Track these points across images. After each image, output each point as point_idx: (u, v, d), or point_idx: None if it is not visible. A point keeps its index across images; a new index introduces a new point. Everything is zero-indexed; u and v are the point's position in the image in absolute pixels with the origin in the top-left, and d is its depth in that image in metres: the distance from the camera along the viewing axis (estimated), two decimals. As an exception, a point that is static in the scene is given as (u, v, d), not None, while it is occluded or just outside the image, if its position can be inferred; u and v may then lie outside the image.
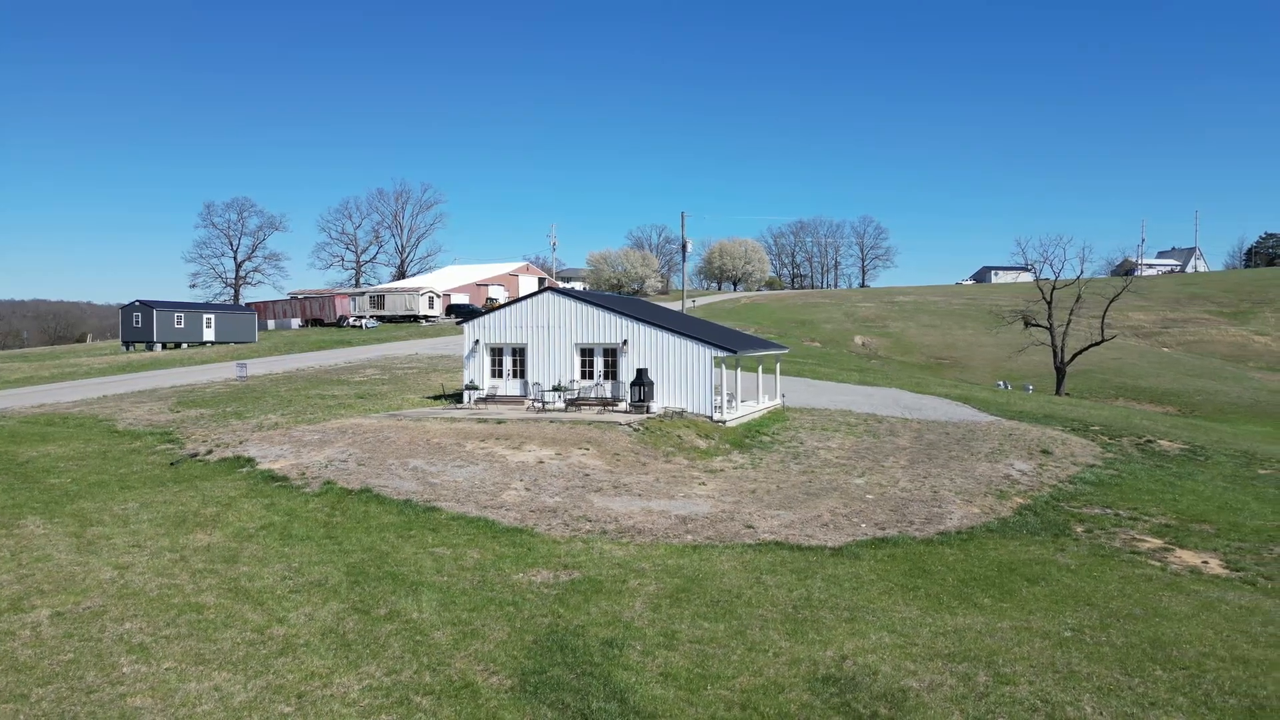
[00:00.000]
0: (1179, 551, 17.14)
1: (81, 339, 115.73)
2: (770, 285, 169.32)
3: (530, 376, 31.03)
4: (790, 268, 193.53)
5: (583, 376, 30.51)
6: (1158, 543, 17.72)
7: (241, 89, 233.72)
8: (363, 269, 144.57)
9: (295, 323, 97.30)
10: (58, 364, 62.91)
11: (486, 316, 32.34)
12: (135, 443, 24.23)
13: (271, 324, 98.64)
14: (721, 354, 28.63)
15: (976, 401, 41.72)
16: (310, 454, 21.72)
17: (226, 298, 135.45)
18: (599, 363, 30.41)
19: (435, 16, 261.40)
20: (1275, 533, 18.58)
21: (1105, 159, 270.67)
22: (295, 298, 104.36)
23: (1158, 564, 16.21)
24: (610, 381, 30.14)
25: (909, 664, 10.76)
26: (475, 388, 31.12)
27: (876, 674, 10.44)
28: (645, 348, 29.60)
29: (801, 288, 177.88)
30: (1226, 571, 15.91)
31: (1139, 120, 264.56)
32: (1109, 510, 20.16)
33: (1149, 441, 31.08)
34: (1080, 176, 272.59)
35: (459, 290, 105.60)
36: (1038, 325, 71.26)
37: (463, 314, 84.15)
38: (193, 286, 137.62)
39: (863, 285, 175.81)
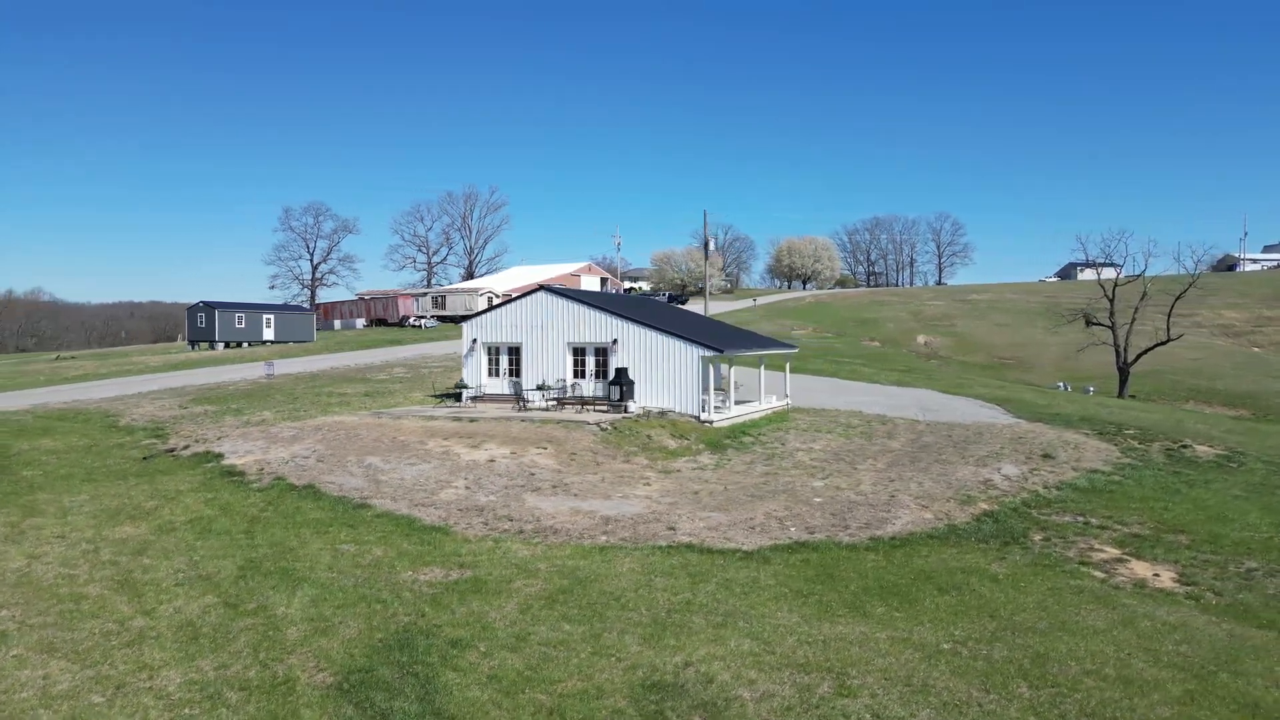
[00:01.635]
0: (1134, 563, 16.13)
1: (173, 338, 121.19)
2: (842, 284, 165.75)
3: (525, 375, 31.11)
4: (865, 265, 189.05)
5: (575, 376, 30.43)
6: (1115, 553, 16.72)
7: (313, 95, 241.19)
8: (434, 270, 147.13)
9: (360, 323, 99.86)
10: (119, 362, 65.84)
11: (483, 316, 32.56)
12: (126, 438, 25.11)
13: (338, 324, 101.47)
14: (710, 353, 28.18)
15: (1014, 403, 40.23)
16: (278, 450, 22.16)
17: (304, 299, 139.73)
18: (590, 362, 30.29)
19: (503, 19, 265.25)
20: (1256, 545, 17.34)
21: (1208, 150, 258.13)
22: (361, 298, 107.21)
23: (1102, 575, 15.28)
24: (601, 381, 29.99)
25: (752, 673, 10.33)
26: (465, 386, 31.34)
27: (711, 682, 10.05)
28: (634, 347, 29.36)
29: (876, 285, 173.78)
30: (1176, 585, 14.90)
31: (1243, 110, 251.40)
32: (1080, 518, 19.11)
33: (1183, 446, 29.38)
34: (1180, 170, 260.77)
35: (519, 291, 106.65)
36: (1099, 324, 68.24)
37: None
38: (271, 288, 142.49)
39: (939, 283, 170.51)
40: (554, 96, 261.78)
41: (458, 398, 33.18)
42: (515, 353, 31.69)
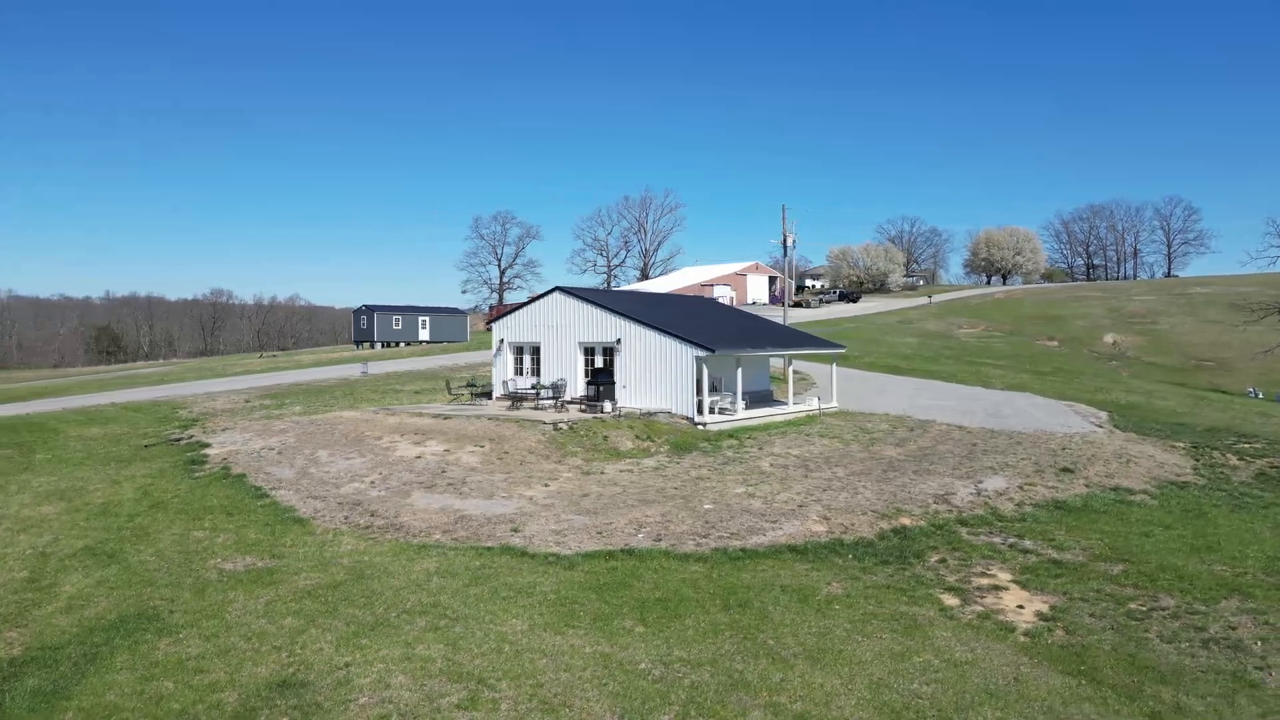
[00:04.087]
0: (1013, 592, 14.25)
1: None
2: (1049, 277, 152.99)
3: (545, 374, 31.53)
4: (1084, 257, 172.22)
5: (586, 375, 30.49)
6: (1005, 579, 14.83)
7: (499, 107, 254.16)
8: (613, 274, 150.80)
9: None
10: (283, 360, 72.62)
11: (509, 316, 33.32)
12: (161, 428, 27.82)
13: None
14: (702, 353, 27.35)
15: (1135, 410, 36.45)
16: (256, 441, 23.84)
17: (493, 302, 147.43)
18: (599, 361, 30.25)
19: (673, 20, 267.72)
20: (1208, 583, 14.82)
21: None
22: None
23: (954, 603, 13.62)
24: (607, 381, 29.89)
25: (401, 678, 10.16)
26: (472, 385, 32.17)
27: (346, 684, 10.03)
28: (636, 346, 29.04)
29: (1092, 279, 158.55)
30: (1031, 619, 13.04)
31: None
32: (1011, 540, 17.06)
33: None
34: None
35: (681, 291, 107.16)
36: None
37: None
38: (464, 292, 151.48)
39: (1168, 274, 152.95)
40: (732, 91, 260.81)
41: (489, 395, 34.12)
42: (536, 352, 32.21)
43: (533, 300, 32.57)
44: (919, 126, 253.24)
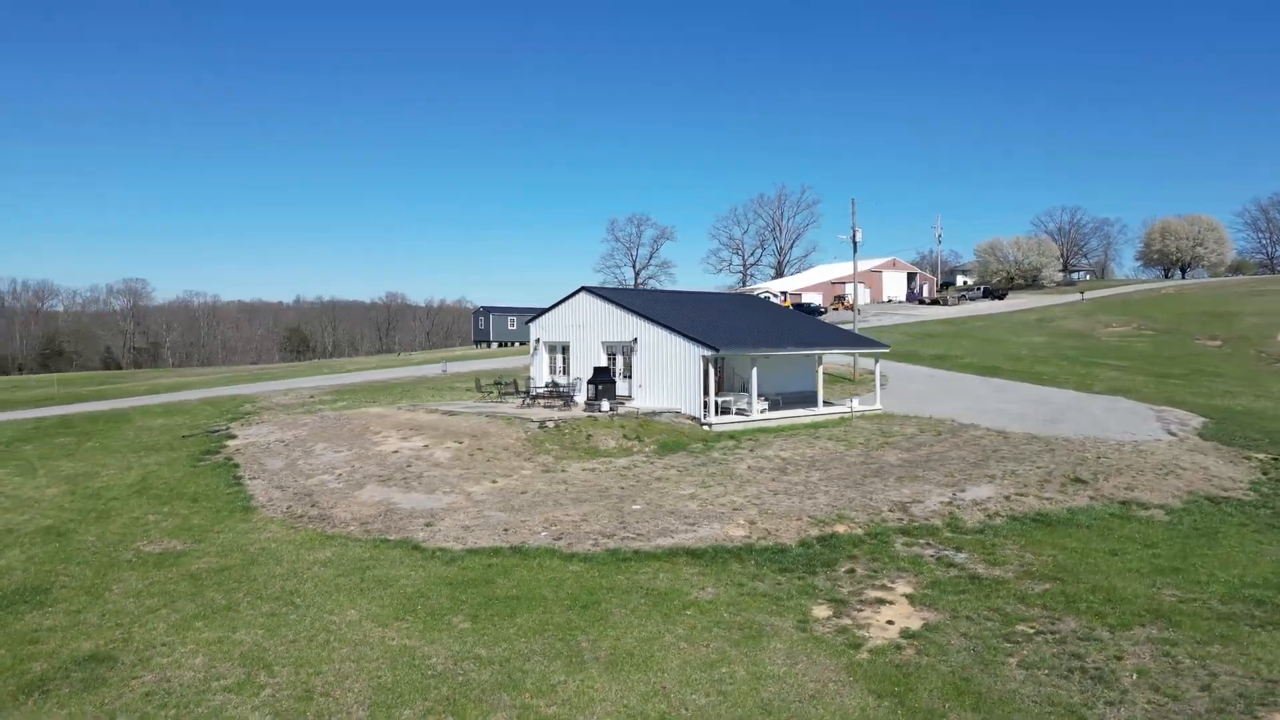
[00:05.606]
0: (901, 606, 13.51)
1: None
2: (1238, 269, 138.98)
3: (573, 374, 32.01)
4: None
5: (591, 373, 30.71)
6: (902, 591, 14.09)
7: (642, 110, 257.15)
8: (749, 272, 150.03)
9: None
10: (398, 359, 76.81)
11: (544, 317, 33.98)
12: (212, 421, 30.21)
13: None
14: (708, 352, 27.00)
15: (1237, 416, 33.29)
16: (274, 434, 25.57)
17: None
18: (620, 360, 30.43)
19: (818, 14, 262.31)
20: (1142, 605, 13.55)
21: None
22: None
23: (826, 614, 13.10)
24: (626, 380, 30.02)
25: (198, 660, 10.83)
26: (499, 383, 32.97)
27: (145, 662, 10.78)
28: (650, 345, 29.03)
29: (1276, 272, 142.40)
30: (894, 638, 12.33)
31: None
32: (945, 552, 16.09)
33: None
34: None
35: (812, 289, 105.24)
36: None
37: (804, 313, 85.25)
38: None
39: None
40: (877, 86, 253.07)
41: (528, 393, 34.88)
42: (566, 351, 32.74)
43: (563, 300, 33.09)
44: (1091, 111, 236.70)
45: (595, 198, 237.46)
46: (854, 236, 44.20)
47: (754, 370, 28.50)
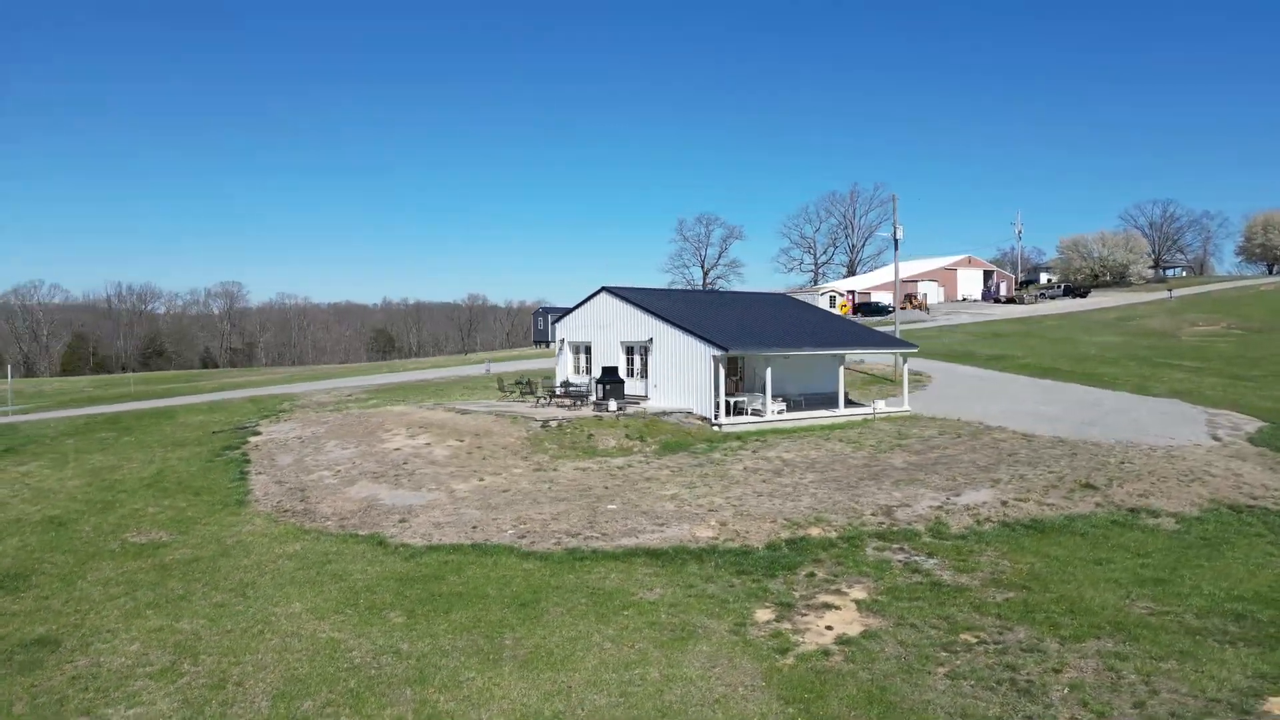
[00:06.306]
0: (847, 612, 13.28)
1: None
2: None
3: (595, 372, 32.20)
4: None
5: (626, 372, 30.82)
6: (854, 597, 13.85)
7: (707, 114, 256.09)
8: (820, 271, 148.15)
9: None
10: (454, 360, 78.42)
11: (568, 317, 34.26)
12: (245, 418, 31.42)
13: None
14: (718, 352, 26.82)
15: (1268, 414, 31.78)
16: (295, 431, 26.48)
17: None
18: (637, 360, 30.49)
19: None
20: (1105, 617, 13.03)
21: None
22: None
23: (768, 618, 12.99)
24: (642, 379, 30.07)
25: (134, 647, 11.36)
26: (520, 383, 33.32)
27: (86, 647, 11.35)
28: (664, 345, 29.01)
29: None
30: (826, 644, 12.13)
31: None
32: (916, 558, 15.70)
33: None
34: None
35: (881, 288, 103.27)
36: None
37: (870, 313, 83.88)
38: None
39: None
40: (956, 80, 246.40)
41: (549, 393, 35.23)
42: (588, 351, 32.95)
43: (586, 301, 33.29)
44: (1183, 97, 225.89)
45: (667, 198, 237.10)
46: (895, 234, 43.18)
47: (768, 370, 28.19)
